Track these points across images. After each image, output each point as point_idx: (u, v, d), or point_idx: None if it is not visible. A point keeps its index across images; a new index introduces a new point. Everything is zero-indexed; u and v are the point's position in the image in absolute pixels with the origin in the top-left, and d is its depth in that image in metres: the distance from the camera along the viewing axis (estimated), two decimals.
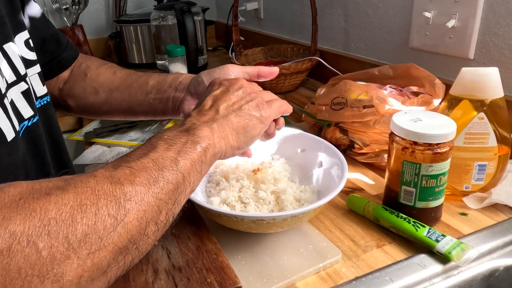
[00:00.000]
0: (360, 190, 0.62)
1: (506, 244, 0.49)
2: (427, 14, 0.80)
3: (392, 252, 0.48)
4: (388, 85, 0.75)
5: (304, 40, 1.25)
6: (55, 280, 0.26)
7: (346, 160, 0.52)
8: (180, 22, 1.12)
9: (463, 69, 0.54)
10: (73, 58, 0.66)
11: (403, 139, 0.49)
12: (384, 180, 0.55)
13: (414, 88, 0.74)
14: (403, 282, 0.44)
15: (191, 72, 1.11)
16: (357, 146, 0.68)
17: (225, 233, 0.51)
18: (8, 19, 0.50)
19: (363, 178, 0.65)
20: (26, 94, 0.50)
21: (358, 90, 0.69)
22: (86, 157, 0.80)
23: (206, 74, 0.55)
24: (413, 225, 0.49)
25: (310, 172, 0.58)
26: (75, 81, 0.65)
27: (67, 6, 1.45)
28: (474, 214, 0.54)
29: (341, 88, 0.72)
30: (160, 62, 1.32)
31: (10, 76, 0.47)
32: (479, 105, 0.53)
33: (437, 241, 0.46)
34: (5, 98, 0.45)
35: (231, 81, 0.47)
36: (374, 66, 0.83)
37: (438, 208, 0.52)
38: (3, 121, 0.43)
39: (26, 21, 0.57)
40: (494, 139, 0.54)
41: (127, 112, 0.63)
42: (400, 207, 0.52)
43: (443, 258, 0.46)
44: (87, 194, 0.29)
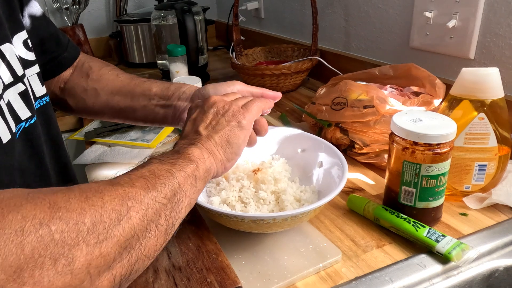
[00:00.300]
0: (360, 190, 0.62)
1: (506, 245, 0.50)
2: (428, 14, 0.80)
3: (392, 252, 0.48)
4: (388, 85, 0.75)
5: (304, 40, 1.25)
6: (66, 264, 0.27)
7: (346, 160, 0.52)
8: (180, 22, 1.12)
9: (464, 69, 0.54)
10: (73, 58, 0.66)
11: (403, 139, 0.50)
12: (384, 180, 0.55)
13: (415, 88, 0.74)
14: (403, 282, 0.44)
15: (191, 71, 1.12)
16: (358, 146, 0.68)
17: (225, 233, 0.51)
18: (5, 19, 0.50)
19: (363, 178, 0.65)
20: (24, 95, 0.49)
21: (358, 90, 0.69)
22: (87, 156, 0.80)
23: (212, 88, 0.55)
24: (413, 225, 0.49)
25: (310, 172, 0.58)
26: (77, 81, 0.65)
27: (68, 5, 1.45)
28: (474, 215, 0.54)
29: (341, 88, 0.72)
30: (160, 61, 1.32)
31: (6, 78, 0.47)
32: (480, 105, 0.53)
33: (437, 241, 0.46)
34: (1, 99, 0.45)
35: (204, 100, 0.48)
36: (374, 66, 0.83)
37: (438, 208, 0.52)
38: None
39: (25, 21, 0.57)
40: (494, 140, 0.54)
41: (127, 116, 0.64)
42: (400, 207, 0.52)
43: (443, 258, 0.46)
44: (92, 192, 0.31)
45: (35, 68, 0.55)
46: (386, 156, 0.65)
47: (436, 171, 0.48)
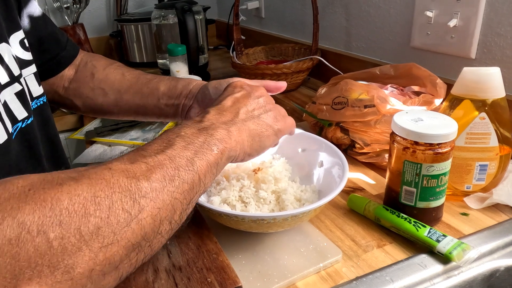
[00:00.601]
0: (361, 190, 0.62)
1: (507, 245, 0.49)
2: (429, 14, 0.80)
3: (392, 252, 0.48)
4: (389, 85, 0.75)
5: (305, 39, 1.25)
6: (65, 271, 0.26)
7: (347, 159, 0.52)
8: (181, 21, 1.12)
9: (465, 68, 0.53)
10: (72, 56, 0.66)
11: (404, 139, 0.49)
12: (385, 180, 0.55)
13: (416, 88, 0.74)
14: (404, 282, 0.44)
15: (191, 71, 1.12)
16: (358, 145, 0.68)
17: (226, 233, 0.51)
18: (2, 19, 0.49)
19: (364, 178, 0.65)
20: (20, 95, 0.49)
21: (359, 89, 0.69)
22: (87, 156, 0.80)
23: (212, 87, 0.56)
24: (413, 225, 0.49)
25: (311, 171, 0.58)
26: (82, 81, 0.65)
27: (68, 4, 1.45)
28: (475, 214, 0.54)
29: (342, 87, 0.72)
30: (161, 61, 1.32)
31: (3, 78, 0.47)
32: (481, 105, 0.53)
33: (438, 241, 0.46)
34: None
35: (253, 87, 0.47)
36: (375, 65, 0.83)
37: (439, 208, 0.52)
38: None
39: (23, 20, 0.56)
40: (495, 139, 0.53)
41: (138, 114, 0.64)
42: (401, 207, 0.52)
43: (443, 258, 0.46)
44: (101, 186, 0.29)
45: (32, 68, 0.54)
46: (386, 155, 0.65)
47: (437, 170, 0.48)
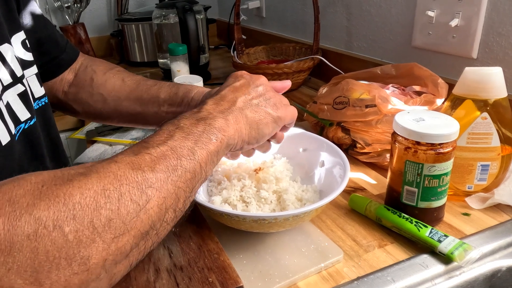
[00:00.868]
0: (362, 189, 0.62)
1: (509, 245, 0.49)
2: (430, 13, 0.79)
3: (394, 252, 0.48)
4: (390, 85, 0.75)
5: (306, 39, 1.25)
6: (82, 263, 0.27)
7: (348, 159, 0.52)
8: (182, 21, 1.12)
9: (467, 68, 0.53)
10: (72, 59, 0.65)
11: (405, 138, 0.49)
12: (386, 180, 0.55)
13: (417, 88, 0.74)
14: (405, 282, 0.44)
15: (192, 70, 1.11)
16: (359, 145, 0.68)
17: (227, 233, 0.51)
18: (3, 19, 0.49)
19: (365, 178, 0.65)
20: (23, 96, 0.49)
21: (360, 89, 0.69)
22: (88, 155, 0.80)
23: (214, 94, 0.55)
24: (415, 225, 0.48)
25: (312, 171, 0.58)
26: (81, 86, 0.64)
27: (69, 4, 1.45)
28: (477, 215, 0.54)
29: (343, 87, 0.72)
30: (161, 60, 1.32)
31: (6, 79, 0.46)
32: (482, 105, 0.52)
33: (440, 241, 0.46)
34: (0, 101, 0.44)
35: (253, 76, 0.48)
36: (376, 65, 0.83)
37: (441, 208, 0.51)
38: None
39: (22, 21, 0.56)
40: (497, 139, 0.53)
41: (138, 121, 0.63)
42: (402, 207, 0.52)
43: (445, 259, 0.46)
44: (110, 179, 0.30)
45: (34, 69, 0.54)
46: (388, 155, 0.65)
47: (439, 170, 0.48)
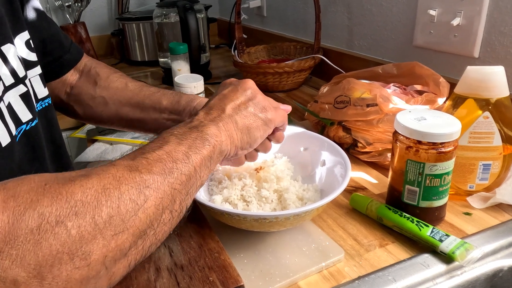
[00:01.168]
0: (363, 189, 0.62)
1: (511, 244, 0.49)
2: (432, 12, 0.79)
3: (395, 251, 0.48)
4: (392, 84, 0.75)
5: (307, 38, 1.25)
6: (83, 258, 0.28)
7: (349, 159, 0.52)
8: (182, 20, 1.12)
9: (468, 67, 0.53)
10: (76, 60, 0.65)
11: (407, 138, 0.49)
12: (388, 179, 0.55)
13: (418, 87, 0.74)
14: (406, 282, 0.44)
15: (193, 69, 1.11)
16: (360, 145, 0.67)
17: (228, 232, 0.51)
18: (7, 19, 0.48)
19: (366, 177, 0.65)
20: (25, 97, 0.48)
21: (361, 88, 0.69)
22: (88, 154, 0.80)
23: None
24: (416, 224, 0.48)
25: (313, 170, 0.58)
26: (84, 88, 0.64)
27: (70, 3, 1.45)
28: (478, 214, 0.54)
29: (344, 86, 0.72)
30: (162, 59, 1.32)
31: (8, 79, 0.46)
32: (484, 104, 0.52)
33: (441, 240, 0.46)
34: (1, 102, 0.44)
35: (240, 81, 0.48)
36: (377, 64, 0.83)
37: (442, 207, 0.51)
38: None
39: (26, 21, 0.56)
40: (499, 139, 0.53)
41: (137, 127, 0.63)
42: (404, 206, 0.52)
43: (446, 258, 0.46)
44: (110, 180, 0.31)
45: (37, 69, 0.53)
46: (389, 155, 0.65)
47: (440, 170, 0.48)
